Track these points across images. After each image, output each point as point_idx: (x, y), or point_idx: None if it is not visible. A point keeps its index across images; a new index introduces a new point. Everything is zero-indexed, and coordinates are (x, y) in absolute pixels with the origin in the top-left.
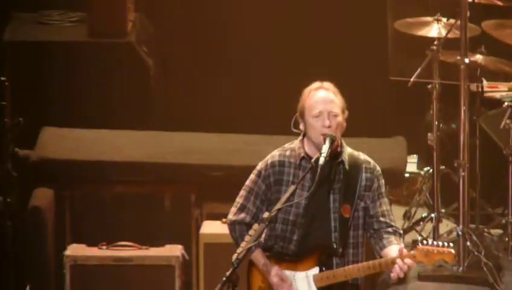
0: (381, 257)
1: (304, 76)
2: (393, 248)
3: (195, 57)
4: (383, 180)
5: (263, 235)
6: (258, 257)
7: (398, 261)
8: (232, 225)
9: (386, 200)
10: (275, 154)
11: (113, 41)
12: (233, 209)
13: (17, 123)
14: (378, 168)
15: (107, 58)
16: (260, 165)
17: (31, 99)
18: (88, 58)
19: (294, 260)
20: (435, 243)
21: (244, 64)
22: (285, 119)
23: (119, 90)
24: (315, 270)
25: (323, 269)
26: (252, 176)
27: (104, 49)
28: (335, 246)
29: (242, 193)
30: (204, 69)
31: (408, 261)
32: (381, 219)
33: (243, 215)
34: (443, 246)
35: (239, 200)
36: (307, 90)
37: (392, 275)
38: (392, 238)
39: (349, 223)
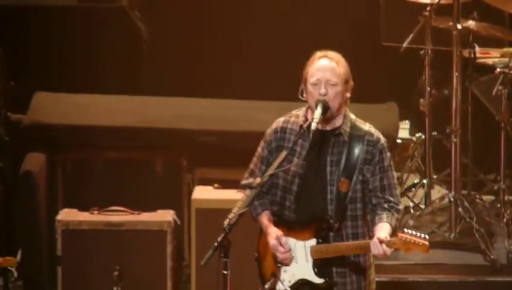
0: (373, 233)
1: (296, 42)
2: (380, 226)
3: (187, 22)
4: (387, 153)
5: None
6: (264, 222)
7: (374, 244)
8: (242, 188)
9: (389, 174)
10: (280, 121)
11: (106, 6)
12: (245, 174)
13: (10, 88)
14: (382, 140)
15: (99, 23)
16: (267, 131)
17: (23, 64)
18: (80, 23)
19: (296, 228)
20: (414, 233)
21: (236, 30)
22: (277, 85)
23: (112, 55)
24: (312, 241)
25: (320, 241)
26: (261, 142)
27: (96, 13)
28: (331, 220)
29: (253, 158)
30: (197, 34)
31: (385, 248)
32: (379, 193)
33: (251, 179)
34: (419, 237)
35: (250, 165)
36: (311, 59)
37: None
38: (384, 215)
39: (347, 198)
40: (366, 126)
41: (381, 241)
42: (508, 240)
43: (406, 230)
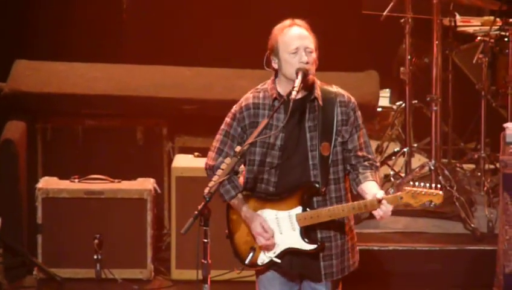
0: (357, 192)
1: (276, 10)
2: (369, 185)
3: None
4: (359, 112)
5: (241, 179)
6: (240, 205)
7: (384, 205)
8: (210, 170)
9: (363, 131)
10: (248, 97)
11: None
12: (210, 154)
13: None
14: (353, 99)
15: None
16: (234, 108)
17: (3, 31)
18: None
19: (276, 199)
20: (423, 184)
21: None
22: (257, 53)
23: (92, 23)
24: (298, 209)
25: (307, 209)
26: (227, 120)
27: None
28: (317, 185)
29: (218, 137)
30: (178, 2)
31: (389, 206)
32: (359, 153)
33: (220, 159)
34: (431, 187)
35: (215, 144)
36: (278, 27)
37: (377, 217)
38: (368, 173)
39: (329, 161)
40: (334, 88)
41: (379, 200)
42: (489, 208)
43: (411, 183)
